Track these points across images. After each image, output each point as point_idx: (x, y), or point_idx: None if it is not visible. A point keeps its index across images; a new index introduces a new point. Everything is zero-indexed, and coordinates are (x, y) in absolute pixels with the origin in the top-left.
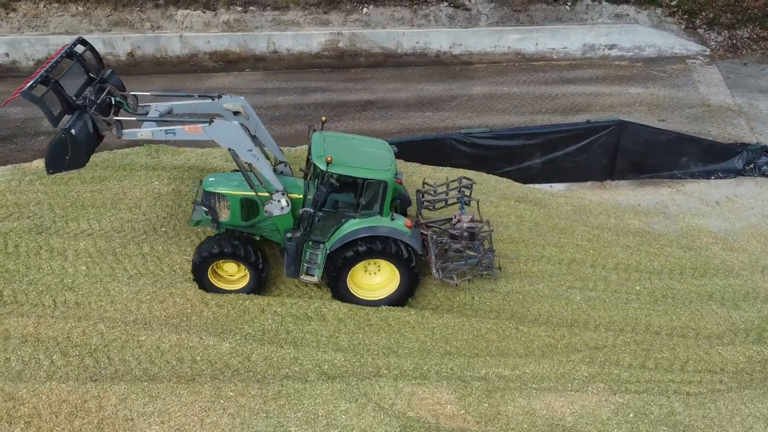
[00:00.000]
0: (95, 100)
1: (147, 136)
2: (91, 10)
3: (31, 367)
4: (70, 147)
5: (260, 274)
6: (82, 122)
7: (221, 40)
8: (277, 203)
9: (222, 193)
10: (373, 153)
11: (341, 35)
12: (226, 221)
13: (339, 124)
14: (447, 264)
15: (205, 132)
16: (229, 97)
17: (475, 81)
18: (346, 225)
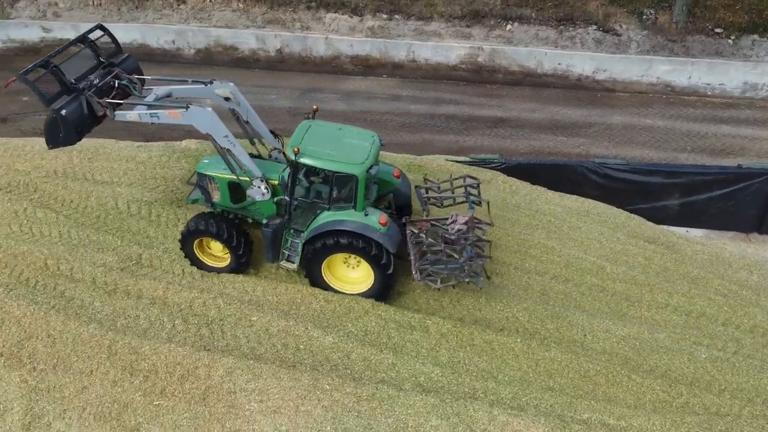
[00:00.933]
0: (97, 84)
1: (135, 118)
2: (249, 8)
3: (155, 327)
4: (61, 126)
5: (239, 257)
6: (77, 103)
7: (363, 45)
8: (257, 189)
9: (212, 175)
10: (351, 145)
11: (481, 50)
12: (219, 202)
13: (467, 138)
14: (426, 266)
15: (183, 117)
16: (219, 83)
17: (616, 110)
18: (320, 217)
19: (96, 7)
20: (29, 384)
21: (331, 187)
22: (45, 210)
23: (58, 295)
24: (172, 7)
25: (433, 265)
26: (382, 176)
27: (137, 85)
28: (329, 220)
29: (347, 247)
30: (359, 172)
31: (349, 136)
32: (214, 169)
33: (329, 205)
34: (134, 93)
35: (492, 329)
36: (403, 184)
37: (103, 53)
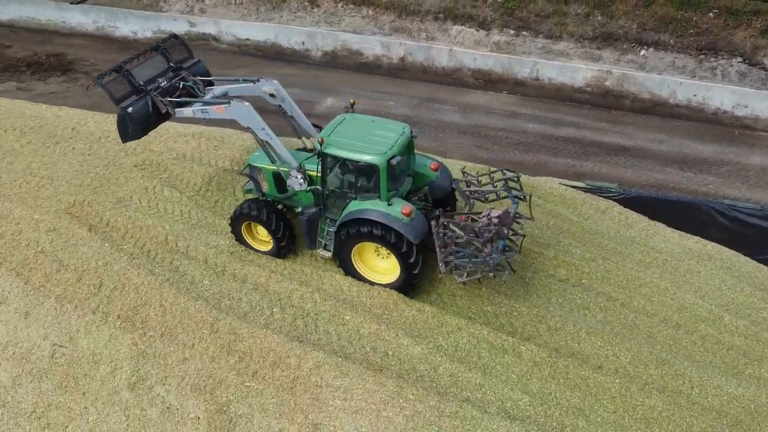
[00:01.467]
0: (163, 85)
1: (190, 114)
2: (378, 15)
3: (255, 311)
4: (128, 122)
5: (279, 243)
6: (143, 102)
7: (487, 60)
8: (295, 179)
9: (259, 166)
10: (378, 136)
11: (610, 74)
12: (267, 192)
13: (585, 163)
14: (450, 258)
15: (226, 111)
16: (265, 80)
17: (755, 149)
18: (349, 206)
19: (237, 6)
20: (139, 347)
21: (355, 177)
22: (171, 189)
23: (173, 270)
24: (306, 9)
25: (456, 257)
26: (418, 169)
27: (200, 86)
28: (355, 209)
29: (370, 236)
30: (380, 161)
31: (379, 128)
32: (262, 161)
33: (355, 194)
34: (198, 93)
35: (589, 365)
36: (442, 178)
37: (174, 58)
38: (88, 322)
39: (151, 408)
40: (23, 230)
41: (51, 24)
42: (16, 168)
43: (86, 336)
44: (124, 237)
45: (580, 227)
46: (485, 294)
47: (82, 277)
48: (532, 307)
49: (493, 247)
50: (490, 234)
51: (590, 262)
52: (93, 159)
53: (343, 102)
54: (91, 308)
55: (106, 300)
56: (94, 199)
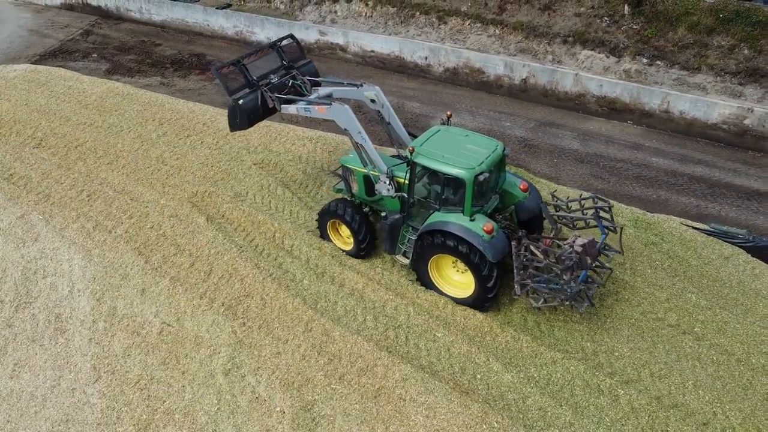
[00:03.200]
0: (275, 82)
1: (293, 112)
2: (505, 35)
3: (348, 316)
4: (238, 113)
5: (360, 244)
6: (253, 96)
7: (614, 87)
8: (383, 184)
9: (351, 168)
10: (470, 150)
11: (752, 112)
12: (357, 193)
13: (711, 204)
14: (527, 281)
15: (327, 112)
16: (368, 86)
17: None
18: (431, 216)
19: (367, 18)
20: (237, 336)
21: (441, 189)
22: (284, 189)
23: (277, 266)
24: (433, 25)
25: (533, 281)
26: (507, 188)
27: (308, 86)
28: (437, 220)
29: (449, 249)
30: (467, 176)
31: (472, 143)
32: (354, 163)
33: (439, 205)
34: (305, 92)
35: (693, 420)
36: (530, 199)
37: (288, 57)
38: (195, 305)
39: (242, 395)
40: (150, 213)
41: (197, 26)
42: (151, 155)
43: (192, 318)
44: (236, 229)
45: (699, 272)
46: (585, 329)
47: (195, 263)
48: (635, 350)
49: (573, 276)
50: (571, 262)
51: (706, 311)
52: (218, 154)
53: (460, 118)
54: (200, 293)
55: (213, 287)
56: (214, 191)
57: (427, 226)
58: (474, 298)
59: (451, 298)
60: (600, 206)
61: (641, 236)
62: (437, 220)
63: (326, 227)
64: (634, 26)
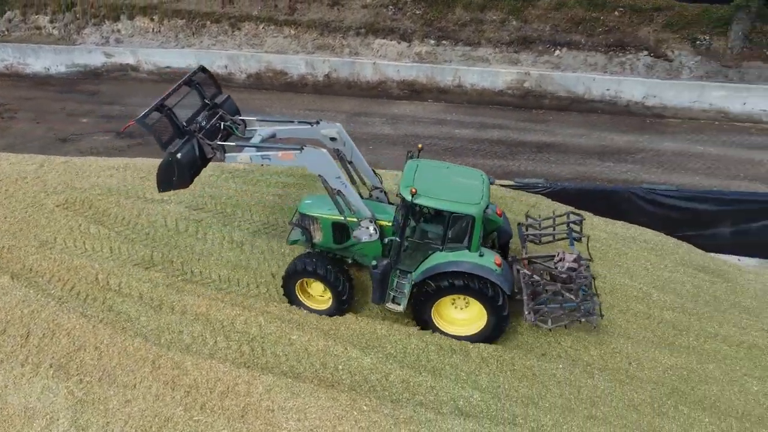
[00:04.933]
0: (205, 125)
1: (245, 160)
2: (300, 34)
3: (198, 343)
4: (176, 169)
5: (341, 300)
6: (189, 146)
7: (410, 70)
8: (365, 230)
9: (315, 216)
10: (464, 184)
11: (529, 75)
12: (320, 242)
13: (512, 162)
14: (541, 306)
15: (296, 158)
16: (326, 123)
17: (667, 136)
18: (432, 257)
19: (155, 34)
20: (75, 395)
21: (446, 228)
22: (98, 226)
23: (107, 309)
24: (227, 33)
25: (547, 306)
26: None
27: (240, 127)
28: (443, 261)
29: (462, 289)
30: (476, 212)
31: (458, 175)
32: (318, 210)
33: (443, 245)
34: (237, 134)
35: (534, 354)
36: (506, 222)
37: (206, 94)
38: (17, 375)
39: None
40: None
41: None
42: None
43: (16, 391)
44: (50, 281)
45: (512, 223)
46: None
47: (7, 329)
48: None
49: (589, 294)
50: (585, 280)
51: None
52: (11, 202)
53: None
54: (20, 360)
55: (35, 350)
56: (14, 245)
57: (434, 269)
58: (488, 331)
59: (457, 337)
60: (573, 220)
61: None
62: (444, 261)
63: (295, 290)
64: (417, 12)
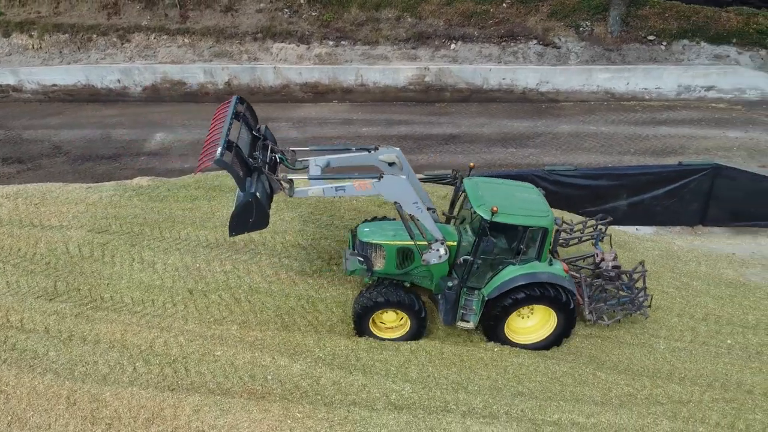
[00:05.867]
0: (265, 160)
1: (318, 193)
2: (195, 42)
3: (115, 371)
4: (255, 210)
5: (421, 321)
6: (261, 183)
7: (312, 72)
8: (435, 252)
9: (379, 243)
10: (526, 198)
11: (428, 70)
12: (381, 270)
13: (421, 156)
14: (600, 305)
15: (374, 187)
16: (385, 148)
17: (562, 119)
18: (505, 272)
19: (36, 51)
20: None
21: (519, 242)
22: None
23: (9, 348)
24: (116, 46)
25: (606, 303)
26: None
27: (291, 158)
28: (520, 273)
29: (538, 299)
30: (549, 223)
31: (517, 191)
32: (381, 237)
33: (516, 259)
34: (288, 166)
35: (460, 341)
36: None
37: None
38: None
39: None
40: None
41: None
42: None
43: None
44: None
45: None
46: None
47: None
48: None
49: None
50: (639, 275)
51: None
52: None
53: (175, 135)
54: None
55: None
56: None
57: (511, 282)
58: (556, 335)
59: (524, 346)
60: (602, 222)
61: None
62: (522, 273)
63: (368, 326)
64: (313, 13)
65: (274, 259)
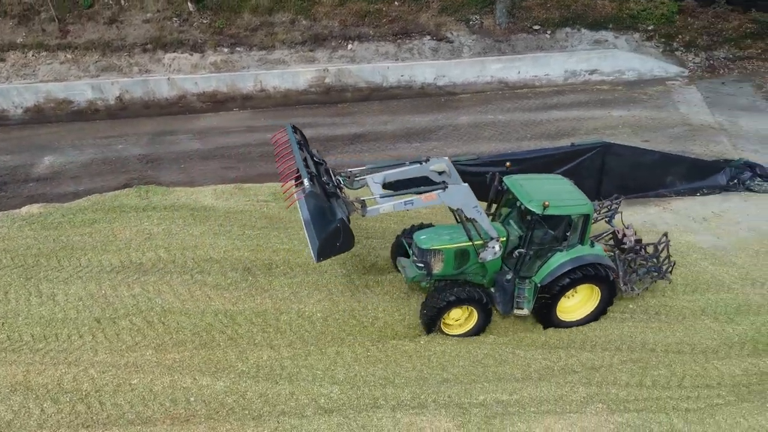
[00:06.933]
0: (335, 184)
1: (389, 210)
2: (79, 57)
3: (21, 416)
4: (342, 233)
5: (487, 311)
6: (340, 209)
7: (209, 81)
8: (491, 249)
9: (438, 248)
10: (563, 189)
11: (327, 71)
12: (439, 272)
13: (328, 157)
14: (633, 276)
15: (439, 197)
16: (436, 159)
17: (461, 111)
18: (554, 259)
19: None
20: None
21: (565, 230)
22: None
23: None
24: None
25: (638, 273)
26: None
27: (349, 179)
28: (568, 258)
29: (585, 279)
30: (590, 210)
31: (551, 183)
32: (439, 242)
33: (563, 245)
34: (348, 186)
35: (386, 336)
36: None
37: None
38: None
39: None
40: None
41: None
42: None
43: None
44: None
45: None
46: (271, 310)
47: None
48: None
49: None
50: (664, 246)
51: None
52: None
53: (65, 157)
54: None
55: None
56: None
57: (561, 267)
58: (599, 311)
59: (572, 324)
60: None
61: (285, 205)
62: (570, 258)
63: (440, 325)
64: (204, 21)
65: (186, 277)
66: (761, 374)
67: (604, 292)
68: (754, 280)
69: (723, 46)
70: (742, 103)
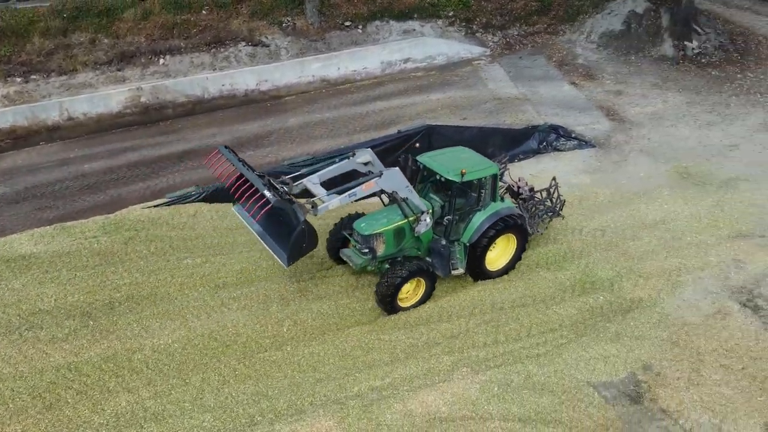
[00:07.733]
0: (288, 190)
1: (336, 205)
2: None
3: None
4: (306, 235)
5: (433, 277)
6: (298, 211)
7: (4, 116)
8: (423, 222)
9: (379, 231)
10: (471, 157)
11: (141, 90)
12: (382, 253)
13: (158, 180)
14: (536, 220)
15: (377, 184)
16: (360, 151)
17: (289, 113)
18: (475, 219)
19: None
20: None
21: (479, 191)
22: None
23: None
24: None
25: (538, 217)
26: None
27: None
28: (486, 216)
29: (510, 228)
30: (497, 170)
31: (459, 153)
32: (378, 226)
33: (481, 206)
34: (289, 191)
35: (251, 351)
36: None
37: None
38: None
39: None
40: None
41: None
42: None
43: None
44: None
45: (182, 238)
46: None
47: None
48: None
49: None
50: (554, 189)
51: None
52: None
53: None
54: None
55: None
56: None
57: (483, 225)
58: (516, 257)
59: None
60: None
61: (118, 238)
62: (488, 215)
63: (396, 300)
64: None
65: (14, 336)
66: (591, 310)
67: (519, 239)
68: (573, 229)
69: (515, 24)
70: (538, 74)
